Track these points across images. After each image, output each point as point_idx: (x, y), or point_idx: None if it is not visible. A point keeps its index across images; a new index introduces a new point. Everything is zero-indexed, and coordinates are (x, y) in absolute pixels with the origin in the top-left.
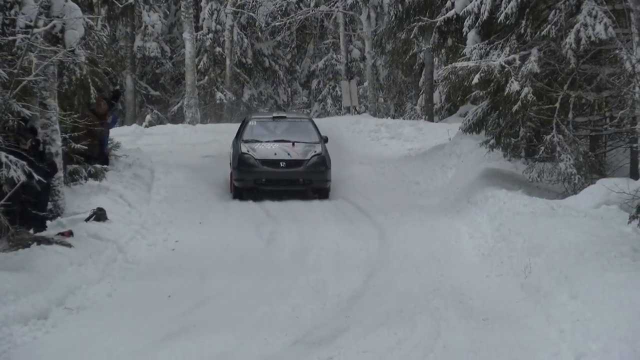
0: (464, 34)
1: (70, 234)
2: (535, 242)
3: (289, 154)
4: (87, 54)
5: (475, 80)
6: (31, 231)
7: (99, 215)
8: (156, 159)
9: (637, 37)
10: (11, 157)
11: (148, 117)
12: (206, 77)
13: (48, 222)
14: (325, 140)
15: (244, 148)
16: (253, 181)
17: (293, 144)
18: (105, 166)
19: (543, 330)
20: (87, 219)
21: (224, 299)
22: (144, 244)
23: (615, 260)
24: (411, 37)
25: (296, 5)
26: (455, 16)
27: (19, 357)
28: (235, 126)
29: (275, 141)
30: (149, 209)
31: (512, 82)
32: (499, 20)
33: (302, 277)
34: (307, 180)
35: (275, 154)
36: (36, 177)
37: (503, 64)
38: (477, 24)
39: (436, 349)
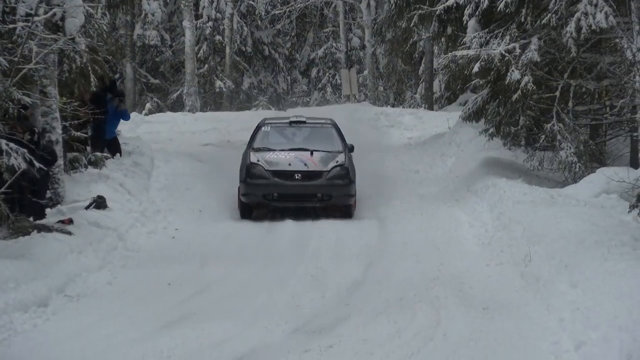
0: (464, 22)
1: (70, 221)
2: (535, 231)
3: (305, 165)
4: (88, 42)
5: (475, 69)
6: (31, 219)
7: (99, 203)
8: (156, 147)
9: (638, 25)
10: (12, 144)
11: (148, 105)
12: (206, 66)
13: (48, 210)
14: (350, 149)
15: (253, 157)
16: (262, 196)
17: (311, 153)
18: (106, 154)
19: (543, 319)
20: (87, 207)
21: (223, 287)
22: (144, 232)
23: (615, 249)
24: (411, 25)
25: None
26: (455, 4)
27: (19, 345)
28: (236, 115)
29: (290, 150)
30: (149, 197)
31: (512, 70)
32: (499, 8)
33: (301, 266)
34: (326, 196)
35: (290, 164)
36: (37, 164)
37: (503, 52)
38: (477, 13)
39: (436, 337)
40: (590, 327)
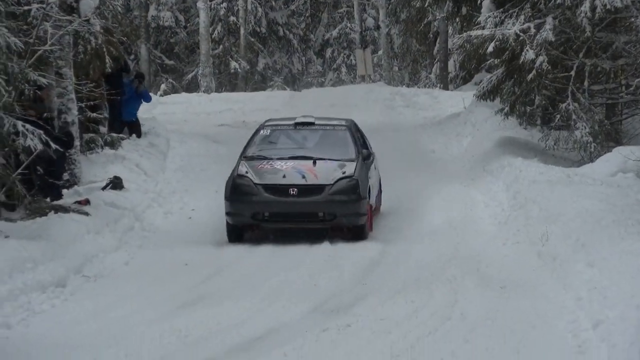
0: (479, 2)
1: (87, 202)
2: (552, 210)
3: (303, 177)
4: (102, 23)
5: (490, 48)
6: (48, 200)
7: (116, 183)
8: (171, 128)
9: None
10: (28, 126)
11: (163, 86)
12: (220, 46)
13: (65, 191)
14: (365, 156)
15: (242, 168)
16: (251, 216)
17: (314, 162)
18: (122, 135)
19: (560, 298)
20: (104, 188)
21: (240, 267)
22: (161, 213)
23: (632, 228)
24: (425, 5)
25: None
26: None
27: (37, 325)
28: (251, 95)
29: (290, 158)
30: (165, 177)
31: (527, 50)
32: None
33: (317, 246)
34: (329, 215)
35: (285, 176)
36: (53, 146)
37: (518, 32)
38: None
39: (453, 316)
40: (607, 306)
